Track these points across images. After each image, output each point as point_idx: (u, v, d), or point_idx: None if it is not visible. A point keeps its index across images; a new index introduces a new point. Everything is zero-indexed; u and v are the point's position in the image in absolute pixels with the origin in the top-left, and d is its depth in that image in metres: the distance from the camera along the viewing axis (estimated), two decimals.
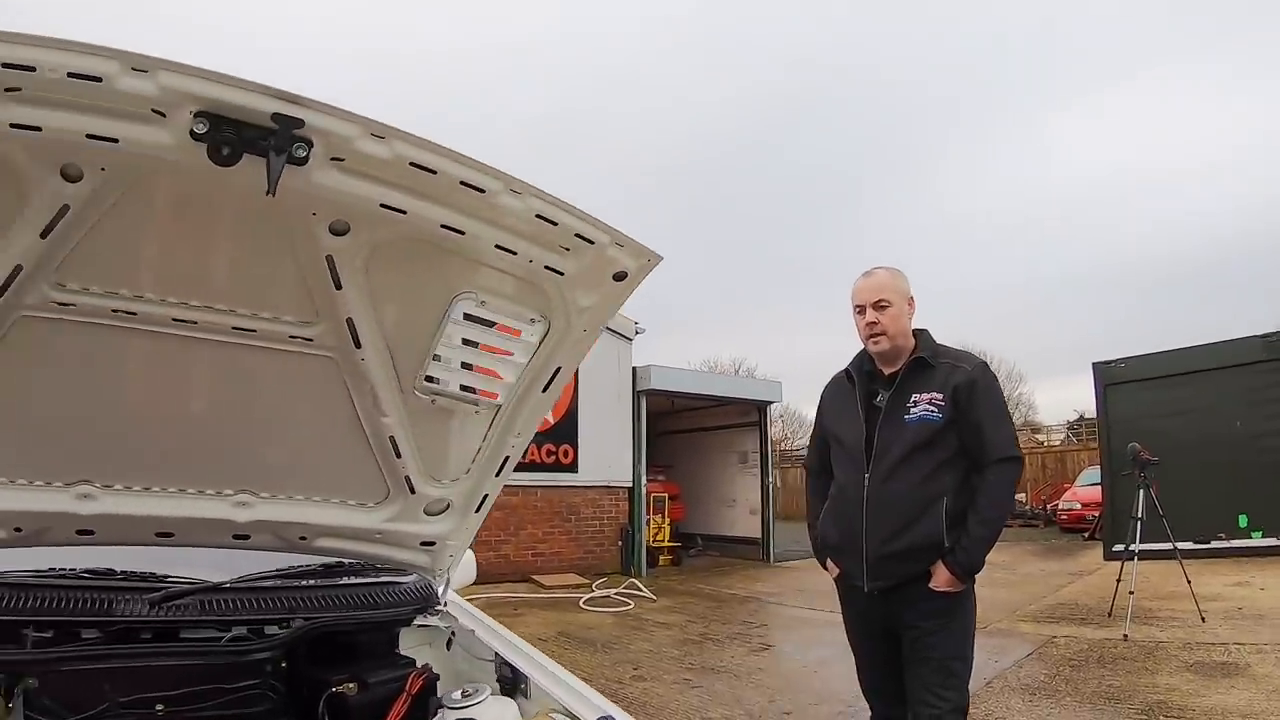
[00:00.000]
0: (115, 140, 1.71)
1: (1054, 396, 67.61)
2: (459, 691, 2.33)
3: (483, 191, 2.01)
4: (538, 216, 2.14)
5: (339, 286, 2.14)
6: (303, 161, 1.79)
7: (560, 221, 2.18)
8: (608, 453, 15.02)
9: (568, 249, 2.27)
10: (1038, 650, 7.98)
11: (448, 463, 2.74)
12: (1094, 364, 15.46)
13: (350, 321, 2.24)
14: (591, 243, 2.26)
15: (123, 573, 2.64)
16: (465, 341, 2.44)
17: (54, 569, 2.54)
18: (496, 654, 2.65)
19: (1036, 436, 36.70)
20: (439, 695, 2.48)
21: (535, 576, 13.22)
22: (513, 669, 2.57)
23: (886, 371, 3.47)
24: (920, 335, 3.49)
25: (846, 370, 3.61)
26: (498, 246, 2.18)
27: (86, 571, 2.59)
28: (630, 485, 15.32)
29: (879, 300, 3.40)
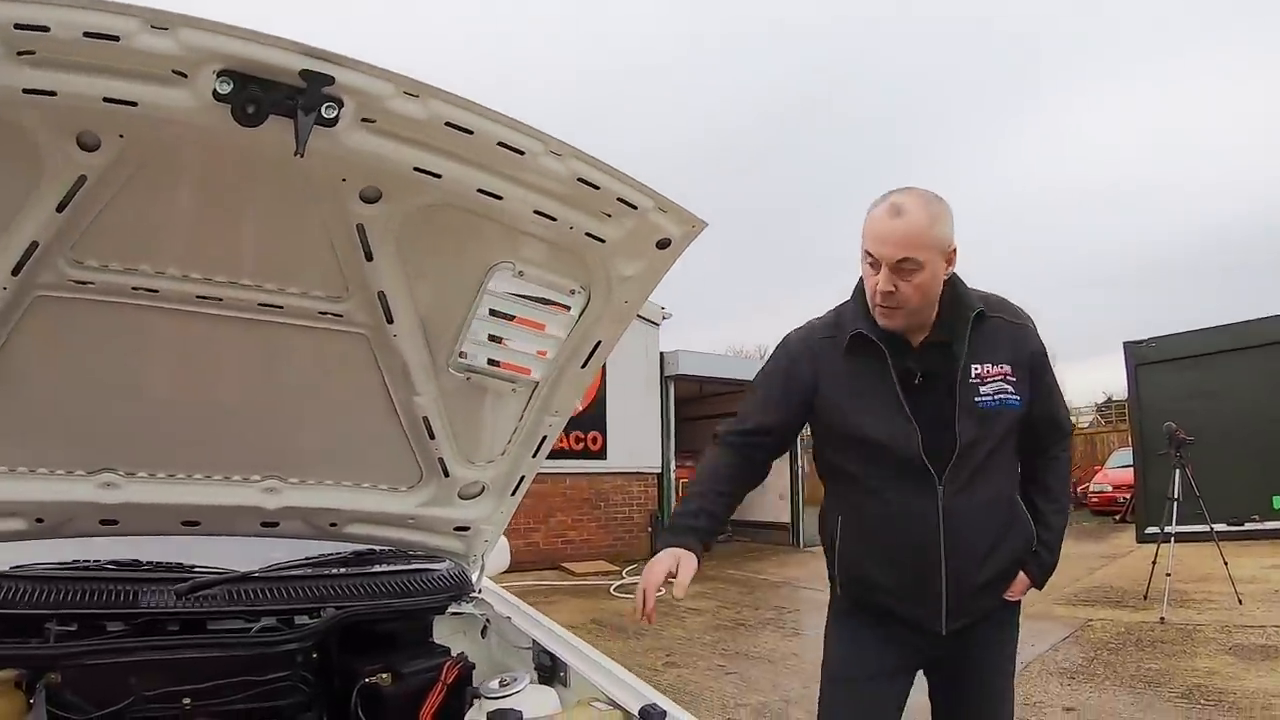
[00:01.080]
0: (134, 104, 1.62)
1: (1082, 379, 67.26)
2: (496, 680, 2.26)
3: (522, 153, 1.91)
4: (579, 180, 2.02)
5: (370, 258, 2.05)
6: (332, 123, 1.70)
7: (602, 185, 2.06)
8: (637, 439, 15.00)
9: (609, 215, 2.16)
10: (1074, 633, 7.93)
11: (483, 444, 2.66)
12: (1125, 344, 15.13)
13: (382, 295, 2.15)
14: (634, 208, 2.14)
15: (149, 563, 2.59)
16: (502, 315, 2.34)
17: (78, 561, 2.50)
18: (534, 641, 2.58)
19: None
20: (476, 685, 2.40)
21: (565, 564, 13.28)
22: (551, 656, 2.50)
23: (917, 339, 2.48)
24: (952, 282, 2.47)
25: (858, 332, 2.46)
26: (536, 212, 2.07)
27: (111, 563, 2.55)
28: (659, 471, 15.30)
29: (904, 259, 2.27)
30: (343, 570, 2.84)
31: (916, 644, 2.57)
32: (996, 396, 2.47)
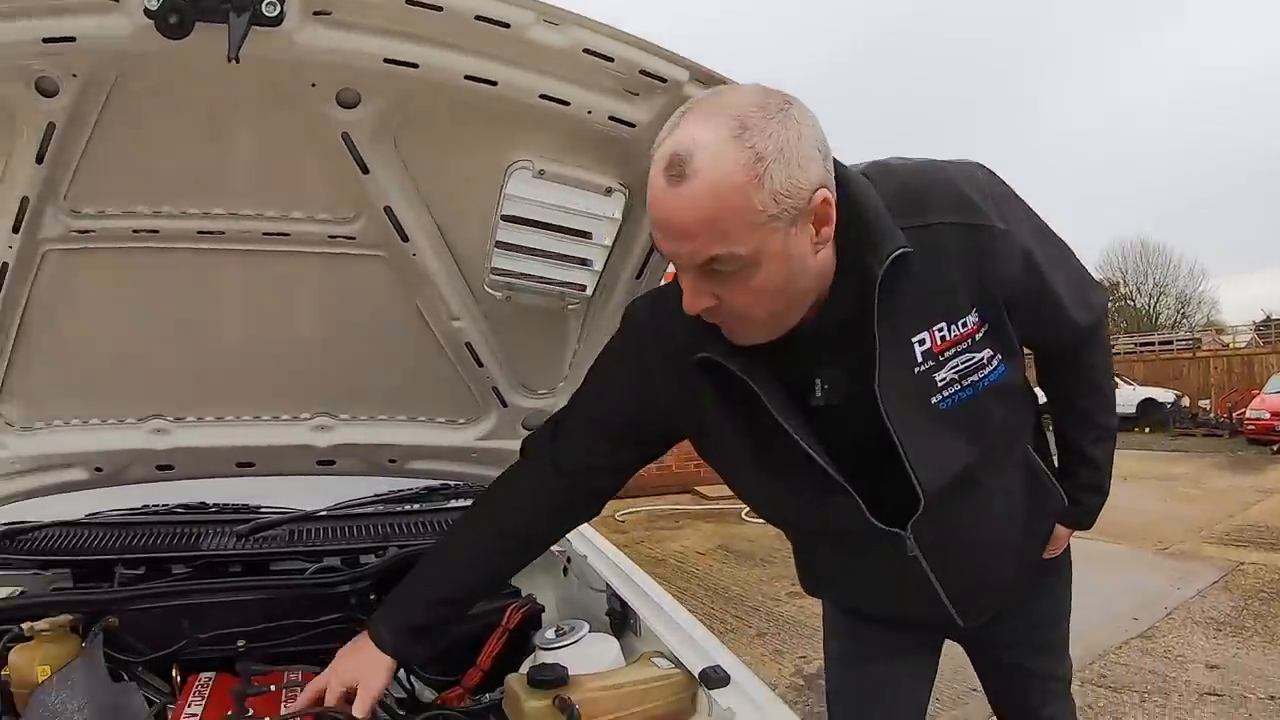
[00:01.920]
0: (72, 39, 1.53)
1: (1239, 294, 62.94)
2: (553, 630, 2.12)
3: (507, 26, 1.65)
4: (586, 52, 1.73)
5: (365, 170, 1.89)
6: (277, 20, 1.51)
7: (618, 56, 1.75)
8: None
9: (635, 93, 1.85)
10: (1223, 578, 7.43)
11: (539, 370, 2.50)
12: None
13: (389, 210, 1.99)
14: (664, 81, 1.81)
15: (215, 506, 2.70)
16: (532, 223, 2.08)
17: (148, 506, 2.65)
18: (608, 585, 2.43)
19: (1221, 338, 34.03)
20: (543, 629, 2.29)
21: (698, 488, 13.31)
22: (622, 603, 2.34)
23: (805, 320, 1.56)
24: (847, 212, 1.46)
25: (704, 357, 1.58)
26: (543, 97, 1.81)
27: (179, 506, 2.68)
28: None
29: (711, 260, 1.37)
30: (413, 507, 2.83)
31: (934, 627, 2.10)
32: (967, 381, 1.60)
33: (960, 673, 2.46)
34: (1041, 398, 2.00)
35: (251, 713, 1.74)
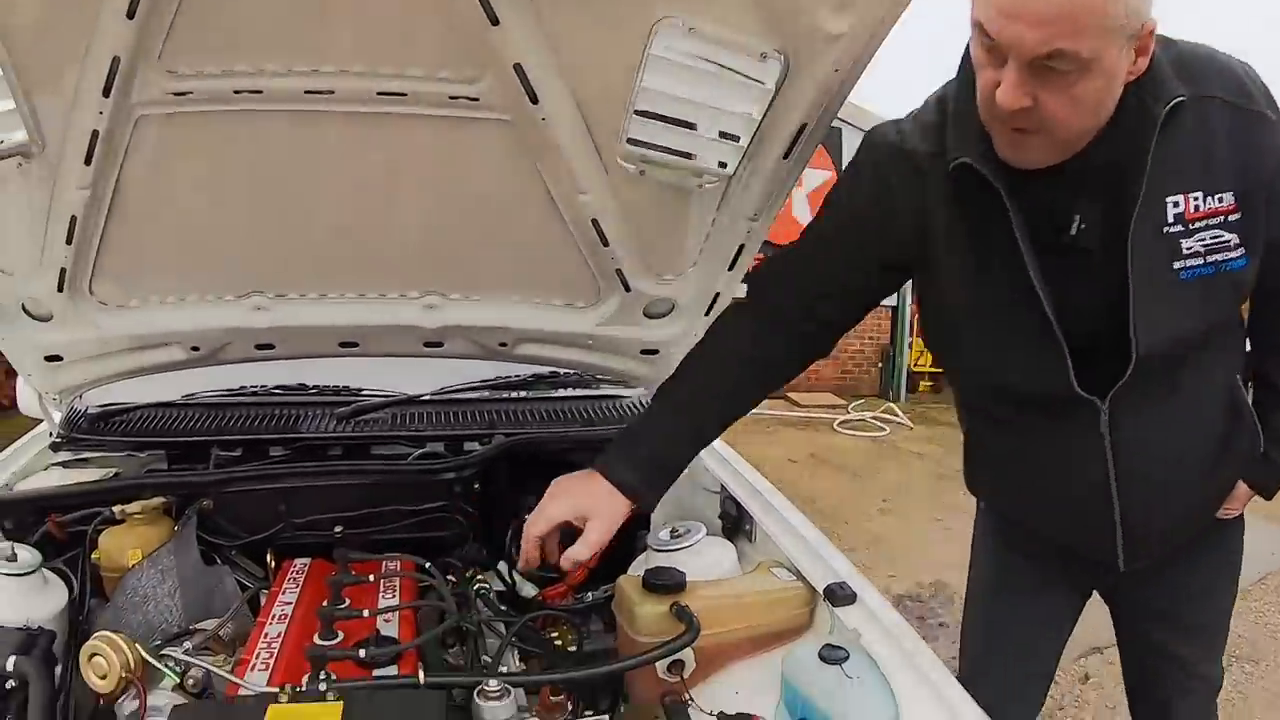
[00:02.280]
0: None
1: None
2: (667, 530, 2.01)
3: None
4: None
5: (495, 21, 1.64)
6: None
7: None
8: None
9: None
10: None
11: (668, 253, 2.28)
12: None
13: (519, 68, 1.74)
14: None
15: (314, 387, 2.60)
16: (676, 88, 1.83)
17: (245, 387, 2.57)
18: (723, 487, 2.33)
19: None
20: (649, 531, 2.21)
21: (791, 394, 13.18)
22: (738, 506, 2.23)
23: (1066, 158, 1.55)
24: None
25: (960, 162, 1.55)
26: None
27: (278, 388, 2.59)
28: (894, 304, 13.88)
29: (1055, 53, 1.31)
30: (521, 394, 2.74)
31: (1087, 568, 2.00)
32: (1210, 257, 1.54)
33: None
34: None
35: (348, 603, 1.69)
